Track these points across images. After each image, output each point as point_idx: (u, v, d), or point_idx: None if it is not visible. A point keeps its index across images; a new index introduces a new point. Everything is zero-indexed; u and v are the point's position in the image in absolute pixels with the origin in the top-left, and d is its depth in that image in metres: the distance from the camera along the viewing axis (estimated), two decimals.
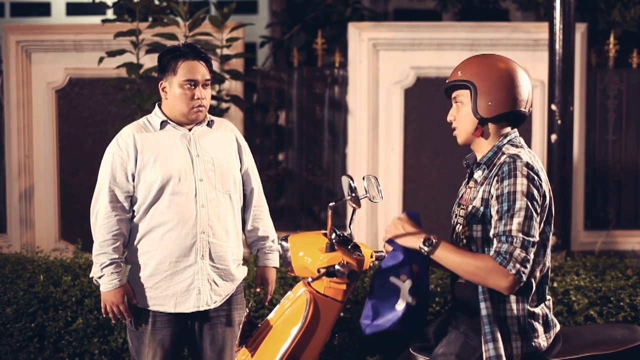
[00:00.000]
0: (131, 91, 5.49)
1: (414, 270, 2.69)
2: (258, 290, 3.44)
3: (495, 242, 2.56)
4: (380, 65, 6.02)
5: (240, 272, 3.32)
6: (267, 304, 3.50)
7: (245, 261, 3.82)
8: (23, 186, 6.06)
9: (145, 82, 5.60)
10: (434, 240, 2.58)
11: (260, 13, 24.34)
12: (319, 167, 6.29)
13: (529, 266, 2.53)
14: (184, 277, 3.16)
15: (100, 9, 7.44)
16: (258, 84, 6.25)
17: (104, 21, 5.91)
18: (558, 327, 2.75)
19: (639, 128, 6.33)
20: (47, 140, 6.07)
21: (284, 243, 2.81)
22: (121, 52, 5.43)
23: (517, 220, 2.53)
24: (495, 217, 2.59)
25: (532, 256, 2.54)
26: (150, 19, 6.08)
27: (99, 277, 3.17)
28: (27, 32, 6.19)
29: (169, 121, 3.21)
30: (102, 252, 3.15)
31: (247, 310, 2.90)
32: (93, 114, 6.11)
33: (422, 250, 2.58)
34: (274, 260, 3.43)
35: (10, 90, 6.05)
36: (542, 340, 2.67)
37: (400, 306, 2.68)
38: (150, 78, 5.49)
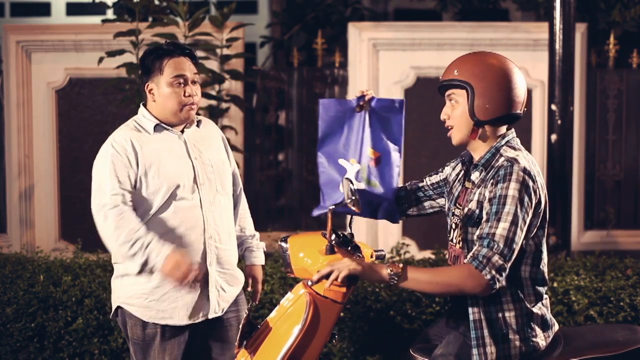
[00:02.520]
0: (131, 91, 5.49)
1: (373, 155, 2.68)
2: (249, 289, 3.33)
3: (476, 244, 2.56)
4: (380, 65, 6.02)
5: (241, 275, 3.24)
6: (257, 302, 3.43)
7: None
8: (23, 186, 6.06)
9: None
10: (399, 270, 2.54)
11: (260, 13, 24.33)
12: None
13: (504, 274, 2.53)
14: (193, 286, 3.01)
15: (100, 9, 7.44)
16: (258, 84, 6.25)
17: (104, 21, 5.91)
18: (557, 327, 2.75)
19: (639, 128, 6.33)
20: (47, 140, 6.08)
21: (283, 244, 2.80)
22: (121, 52, 5.43)
23: (503, 225, 2.53)
24: (484, 218, 2.59)
25: (509, 264, 2.53)
26: (150, 19, 6.08)
27: (144, 263, 2.90)
28: (27, 32, 6.19)
29: (161, 124, 3.06)
30: (134, 240, 2.89)
31: (247, 312, 2.90)
32: (93, 114, 6.11)
33: (392, 282, 2.55)
34: (261, 258, 3.34)
35: (10, 90, 6.05)
36: (541, 340, 2.67)
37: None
38: None
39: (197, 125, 3.15)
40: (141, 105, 3.12)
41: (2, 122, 6.20)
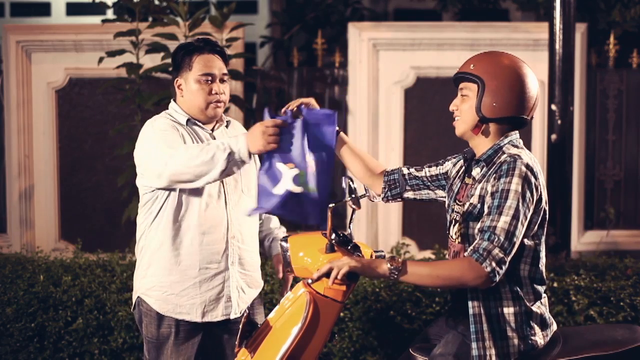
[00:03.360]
0: (131, 91, 5.49)
1: (310, 162, 2.79)
2: (279, 276, 3.30)
3: (477, 237, 2.57)
4: (380, 65, 6.02)
5: (260, 278, 3.24)
6: (288, 291, 3.39)
7: None
8: (23, 186, 6.06)
9: (145, 82, 5.60)
10: (399, 264, 2.56)
11: (260, 13, 24.36)
12: None
13: (504, 267, 2.54)
14: (213, 284, 3.02)
15: (100, 9, 7.45)
16: (258, 84, 6.25)
17: (104, 21, 5.91)
18: (555, 326, 2.76)
19: (639, 128, 6.33)
20: (47, 140, 6.07)
21: (283, 243, 2.80)
22: (121, 52, 5.43)
23: (504, 218, 2.54)
24: (485, 211, 2.61)
25: (509, 258, 2.55)
26: (150, 19, 6.07)
27: (230, 153, 2.80)
28: (27, 32, 6.19)
29: (192, 119, 3.07)
30: (205, 145, 2.82)
31: (247, 311, 2.90)
32: (93, 114, 6.10)
33: (392, 276, 2.56)
34: None
35: (10, 90, 6.05)
36: (539, 338, 2.68)
37: (280, 191, 2.78)
38: (150, 78, 5.49)
39: (226, 126, 3.16)
40: (172, 100, 3.13)
41: (2, 122, 6.20)
